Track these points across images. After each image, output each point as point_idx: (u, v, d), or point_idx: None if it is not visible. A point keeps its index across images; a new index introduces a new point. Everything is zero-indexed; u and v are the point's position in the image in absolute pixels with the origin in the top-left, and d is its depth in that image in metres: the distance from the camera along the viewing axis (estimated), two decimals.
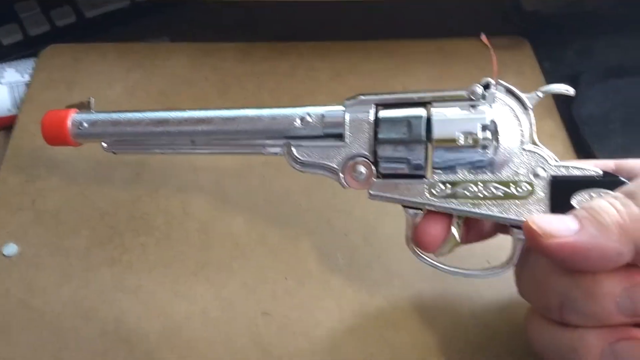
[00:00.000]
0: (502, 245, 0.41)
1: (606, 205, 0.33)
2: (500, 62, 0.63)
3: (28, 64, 0.61)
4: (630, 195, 0.33)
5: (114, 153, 0.45)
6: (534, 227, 0.33)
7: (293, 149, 0.40)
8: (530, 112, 0.37)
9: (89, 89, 0.58)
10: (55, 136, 0.44)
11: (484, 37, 0.39)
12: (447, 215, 0.38)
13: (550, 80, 0.61)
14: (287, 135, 0.40)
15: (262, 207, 0.50)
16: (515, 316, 0.44)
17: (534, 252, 0.36)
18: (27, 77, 0.60)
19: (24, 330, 0.43)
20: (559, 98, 0.59)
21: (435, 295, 0.45)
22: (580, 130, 0.55)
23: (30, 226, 0.49)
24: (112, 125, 0.43)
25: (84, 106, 0.45)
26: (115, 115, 0.43)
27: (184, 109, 0.42)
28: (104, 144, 0.44)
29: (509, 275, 0.39)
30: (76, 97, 0.56)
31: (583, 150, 0.54)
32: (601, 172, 0.36)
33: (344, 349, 0.43)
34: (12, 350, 0.42)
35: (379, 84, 0.60)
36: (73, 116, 0.44)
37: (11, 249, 0.47)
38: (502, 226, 0.39)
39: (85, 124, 0.44)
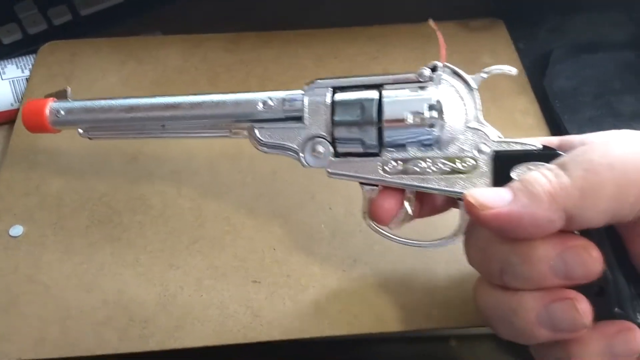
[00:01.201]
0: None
1: (538, 175, 0.35)
2: (476, 43, 0.66)
3: (27, 61, 0.64)
4: (562, 166, 0.35)
5: (90, 139, 0.48)
6: (471, 199, 0.36)
7: (256, 131, 0.43)
8: (476, 92, 0.40)
9: (85, 81, 0.61)
10: (35, 124, 0.48)
11: (431, 22, 0.42)
12: (400, 191, 0.41)
13: (524, 59, 0.64)
14: (250, 118, 0.43)
15: (251, 185, 0.53)
16: None
17: (477, 225, 0.39)
18: (27, 73, 0.63)
19: (31, 303, 0.46)
20: (532, 74, 0.62)
21: (413, 260, 0.48)
22: (551, 104, 0.58)
23: (35, 209, 0.52)
24: (87, 113, 0.46)
25: (61, 95, 0.48)
26: (89, 103, 0.46)
27: (153, 95, 0.45)
28: (80, 130, 0.47)
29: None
30: (74, 90, 0.59)
31: (554, 123, 0.57)
32: (540, 146, 0.38)
33: (329, 312, 0.46)
34: (23, 321, 0.45)
35: (360, 68, 0.63)
36: (51, 104, 0.47)
37: (17, 230, 0.50)
38: (454, 200, 0.42)
39: (62, 112, 0.47)
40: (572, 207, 0.34)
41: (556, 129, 0.57)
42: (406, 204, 0.41)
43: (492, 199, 0.35)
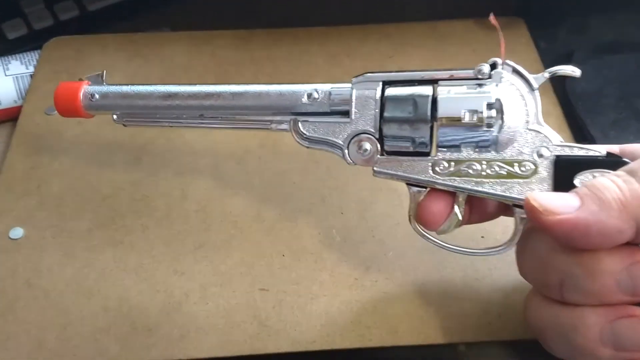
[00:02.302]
0: (496, 221, 0.42)
1: (607, 182, 0.33)
2: (495, 42, 0.63)
3: (32, 57, 0.63)
4: (632, 173, 0.33)
5: (124, 125, 0.46)
6: (535, 203, 0.33)
7: (300, 125, 0.41)
8: (536, 92, 0.38)
9: None
10: (68, 107, 0.46)
11: (492, 18, 0.39)
12: (451, 194, 0.39)
13: (545, 58, 0.61)
14: (294, 111, 0.41)
15: (259, 187, 0.51)
16: (508, 290, 0.45)
17: (535, 231, 0.36)
18: (31, 69, 0.61)
19: (29, 308, 0.44)
20: (557, 76, 0.60)
21: (429, 269, 0.46)
22: (573, 106, 0.55)
23: (35, 210, 0.50)
24: (123, 98, 0.44)
25: (95, 79, 0.46)
26: (126, 88, 0.44)
27: (193, 84, 0.43)
28: (115, 116, 0.45)
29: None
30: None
31: (577, 126, 0.55)
32: (604, 153, 0.36)
33: (339, 322, 0.44)
34: (20, 327, 0.43)
35: (374, 66, 0.60)
36: (85, 88, 0.45)
37: (17, 232, 0.49)
38: (505, 207, 0.39)
39: (97, 96, 0.45)
40: None
41: (578, 132, 0.55)
42: (456, 208, 0.39)
43: (558, 204, 0.33)
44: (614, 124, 0.54)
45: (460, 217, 0.39)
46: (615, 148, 0.38)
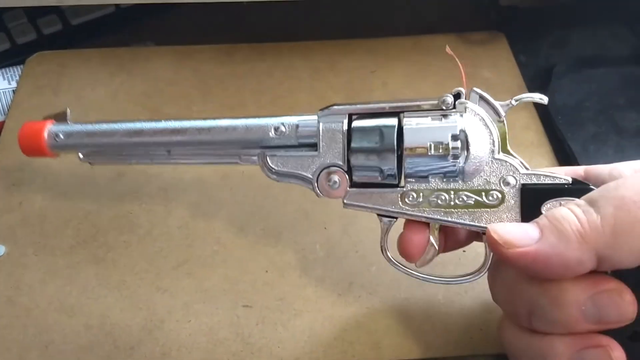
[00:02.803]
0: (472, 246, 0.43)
1: (567, 213, 0.33)
2: (476, 57, 0.64)
3: (15, 72, 0.62)
4: (591, 203, 0.33)
5: (90, 164, 0.45)
6: (495, 236, 0.34)
7: (268, 159, 0.41)
8: (504, 119, 0.38)
9: (73, 93, 0.60)
10: (33, 148, 0.44)
11: (448, 50, 0.40)
12: (426, 225, 0.39)
13: (525, 72, 0.62)
14: (261, 145, 0.41)
15: (242, 202, 0.51)
16: (490, 304, 0.44)
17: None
18: (14, 84, 0.61)
19: (10, 326, 0.44)
20: (533, 88, 0.60)
21: (411, 283, 0.46)
22: (553, 119, 0.56)
23: (17, 227, 0.50)
24: (88, 137, 0.43)
25: (60, 117, 0.45)
26: (90, 127, 0.44)
27: (159, 120, 0.43)
28: (81, 155, 0.45)
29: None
30: (62, 102, 0.58)
31: (556, 139, 0.56)
32: (570, 180, 0.36)
33: (323, 338, 0.44)
34: (1, 346, 0.43)
35: (357, 81, 0.62)
36: (49, 127, 0.44)
37: None
38: (477, 234, 0.39)
39: (61, 135, 0.44)
40: (603, 247, 0.32)
41: (558, 145, 0.55)
42: (432, 238, 0.39)
43: (518, 236, 0.33)
44: (593, 138, 0.55)
45: (436, 247, 0.39)
46: (580, 170, 0.38)
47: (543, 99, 0.38)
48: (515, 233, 0.33)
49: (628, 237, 0.31)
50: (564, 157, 0.54)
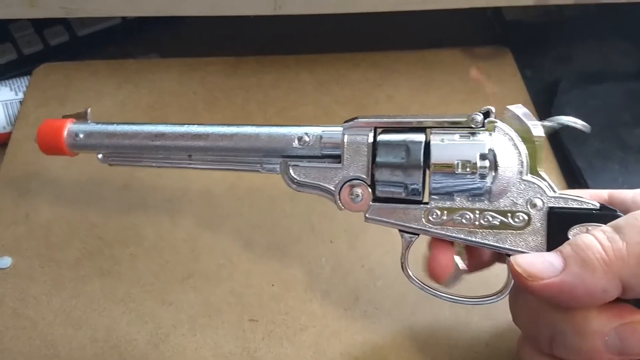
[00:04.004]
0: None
1: (592, 241, 0.32)
2: (482, 71, 0.64)
3: (22, 82, 0.63)
4: (617, 229, 0.32)
5: (110, 165, 0.45)
6: (519, 269, 0.33)
7: (290, 169, 0.40)
8: (538, 141, 0.37)
9: (80, 104, 0.59)
10: (51, 146, 0.44)
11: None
12: (452, 244, 0.39)
13: (531, 87, 0.62)
14: (284, 154, 0.40)
15: (248, 215, 0.51)
16: (496, 320, 0.45)
17: None
18: (21, 95, 0.61)
19: (16, 338, 0.44)
20: (539, 103, 0.61)
21: (418, 298, 0.46)
22: (559, 134, 0.56)
23: (23, 239, 0.50)
24: (108, 137, 0.43)
25: (80, 116, 0.45)
26: (111, 127, 0.43)
27: (181, 123, 0.42)
28: (100, 156, 0.44)
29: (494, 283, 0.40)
30: (68, 112, 0.58)
31: (562, 155, 0.56)
32: (598, 205, 0.36)
33: (328, 354, 0.44)
34: (5, 358, 0.43)
35: (362, 94, 0.62)
36: (69, 126, 0.44)
37: (5, 261, 0.48)
38: (500, 255, 0.39)
39: (81, 135, 0.43)
40: (628, 275, 0.31)
41: (564, 160, 0.55)
42: (457, 258, 0.39)
43: (542, 268, 0.33)
44: (599, 154, 0.55)
45: (461, 267, 0.39)
46: (604, 194, 0.38)
47: (586, 127, 0.38)
48: (539, 265, 0.33)
49: None
50: (570, 172, 0.54)
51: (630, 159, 0.55)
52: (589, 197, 0.37)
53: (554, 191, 0.37)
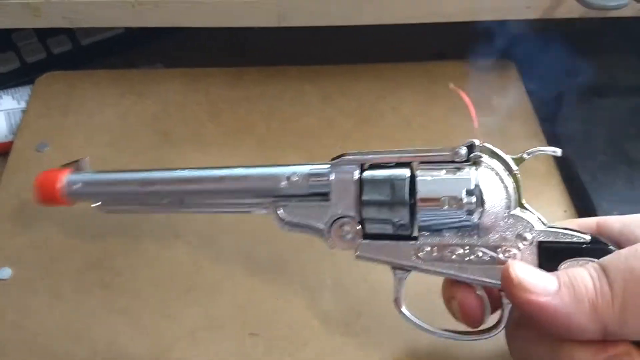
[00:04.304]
0: None
1: (587, 278, 0.32)
2: (486, 85, 0.64)
3: (24, 91, 0.62)
4: (604, 270, 0.32)
5: (107, 213, 0.45)
6: (512, 274, 0.33)
7: (279, 210, 0.41)
8: (517, 173, 0.37)
9: (83, 115, 0.60)
10: (48, 197, 0.45)
11: (452, 87, 0.41)
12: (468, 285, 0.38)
13: (535, 101, 0.62)
14: (273, 194, 0.41)
15: (250, 227, 0.51)
16: (501, 342, 0.44)
17: (520, 321, 0.36)
18: (23, 104, 0.61)
19: (17, 351, 0.44)
20: (543, 116, 0.60)
21: (420, 316, 0.46)
22: (563, 149, 0.56)
23: (24, 250, 0.49)
24: (103, 186, 0.44)
25: (77, 166, 0.45)
26: (105, 176, 0.44)
27: (173, 169, 0.43)
28: (97, 204, 0.44)
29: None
30: (71, 123, 0.58)
31: (567, 169, 0.55)
32: (589, 239, 0.35)
33: None
34: None
35: (367, 106, 0.62)
36: (66, 177, 0.44)
37: (5, 272, 0.48)
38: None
39: (79, 184, 0.44)
40: (611, 322, 0.31)
41: (568, 174, 0.55)
42: (482, 294, 0.38)
43: (535, 283, 0.33)
44: (603, 168, 0.55)
45: (488, 305, 0.38)
46: (591, 222, 0.38)
47: (556, 151, 0.38)
48: (533, 279, 0.33)
49: (636, 313, 0.31)
50: (574, 187, 0.54)
51: (635, 174, 0.54)
52: (578, 225, 0.37)
53: (544, 224, 0.36)
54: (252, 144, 0.58)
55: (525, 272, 0.33)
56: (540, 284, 0.33)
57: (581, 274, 0.32)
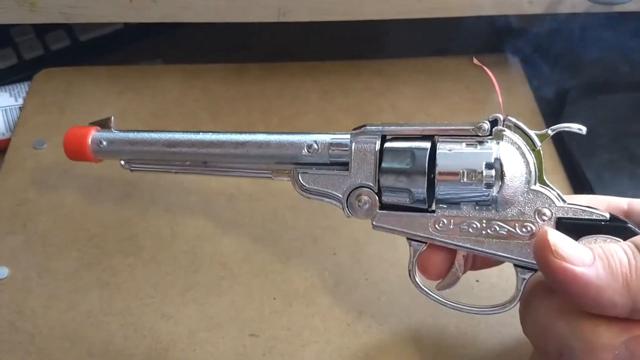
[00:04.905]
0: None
1: (622, 253, 0.32)
2: (489, 80, 0.63)
3: (22, 88, 0.62)
4: (639, 248, 0.32)
5: (131, 171, 0.46)
6: (551, 240, 0.32)
7: (299, 176, 0.41)
8: (540, 150, 0.37)
9: (80, 112, 0.59)
10: (76, 152, 0.46)
11: (476, 61, 0.40)
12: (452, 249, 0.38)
13: (538, 97, 0.61)
14: (294, 161, 0.41)
15: (250, 226, 0.50)
16: (504, 338, 0.44)
17: (538, 295, 0.36)
18: (20, 101, 0.61)
19: (12, 352, 0.43)
20: (547, 113, 0.60)
21: (423, 314, 0.45)
22: (567, 145, 0.55)
23: (20, 249, 0.49)
24: (129, 145, 0.44)
25: (104, 124, 0.46)
26: (132, 135, 0.45)
27: (197, 131, 0.43)
28: (122, 162, 0.45)
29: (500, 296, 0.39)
30: (68, 121, 0.57)
31: (571, 166, 0.55)
32: (608, 216, 0.35)
33: None
34: None
35: (366, 102, 0.61)
36: (93, 134, 0.45)
37: (2, 272, 0.47)
38: None
39: (104, 142, 0.45)
40: None
41: (572, 171, 0.54)
42: (456, 265, 0.39)
43: (572, 253, 0.32)
44: (608, 166, 0.54)
45: (460, 275, 0.39)
46: (623, 203, 0.37)
47: (582, 129, 0.37)
48: (571, 248, 0.32)
49: None
50: (579, 184, 0.53)
51: None
52: (608, 205, 0.37)
53: (563, 201, 0.36)
54: None
55: (562, 240, 0.33)
56: (576, 254, 0.32)
57: (616, 249, 0.32)
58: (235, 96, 0.61)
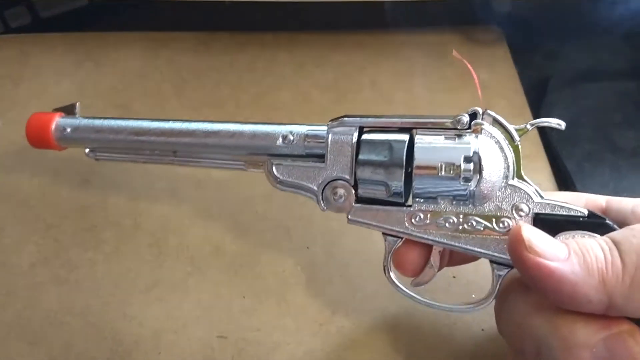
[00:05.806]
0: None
1: (597, 249, 0.31)
2: (474, 57, 0.60)
3: None
4: (617, 244, 0.31)
5: (96, 160, 0.44)
6: (525, 235, 0.32)
7: (273, 168, 0.40)
8: (518, 144, 0.36)
9: (36, 85, 0.55)
10: (39, 139, 0.44)
11: (456, 54, 0.38)
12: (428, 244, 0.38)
13: (522, 81, 0.59)
14: (268, 152, 0.40)
15: (218, 217, 0.48)
16: (479, 338, 0.43)
17: (513, 292, 0.35)
18: None
19: None
20: (529, 100, 0.57)
21: (399, 313, 0.44)
22: (548, 136, 0.53)
23: None
24: (94, 132, 0.43)
25: (69, 110, 0.44)
26: (97, 122, 0.43)
27: (167, 119, 0.41)
28: (87, 150, 0.44)
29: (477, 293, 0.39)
30: (23, 95, 0.53)
31: (552, 153, 0.53)
32: (586, 213, 0.35)
33: None
34: None
35: (345, 78, 0.58)
36: (57, 120, 0.43)
37: None
38: None
39: (68, 129, 0.43)
40: (618, 295, 0.30)
41: (554, 159, 0.53)
42: (432, 261, 0.38)
43: (546, 248, 0.31)
44: (588, 156, 0.53)
45: (435, 271, 0.38)
46: (601, 200, 0.37)
47: (561, 124, 0.37)
48: (545, 243, 0.32)
49: None
50: (560, 175, 0.52)
51: (622, 162, 0.52)
52: (586, 202, 0.36)
53: (541, 197, 0.36)
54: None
55: (536, 235, 0.32)
56: (550, 249, 0.31)
57: (592, 245, 0.32)
58: (203, 69, 0.57)
